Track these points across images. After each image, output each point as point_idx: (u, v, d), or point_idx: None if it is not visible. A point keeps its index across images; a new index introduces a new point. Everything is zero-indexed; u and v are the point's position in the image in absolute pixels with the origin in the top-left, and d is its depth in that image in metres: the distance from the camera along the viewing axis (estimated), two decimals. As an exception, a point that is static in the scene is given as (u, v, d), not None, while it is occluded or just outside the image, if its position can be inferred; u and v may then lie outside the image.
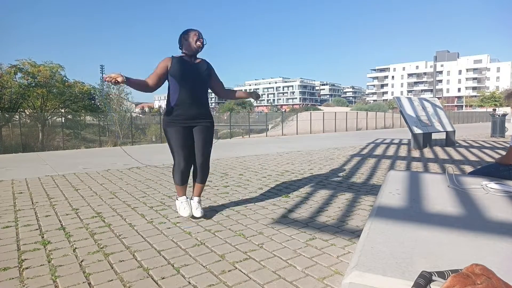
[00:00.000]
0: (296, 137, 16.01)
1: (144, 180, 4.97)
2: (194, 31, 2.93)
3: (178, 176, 3.00)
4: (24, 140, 17.23)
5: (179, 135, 2.93)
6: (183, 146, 2.95)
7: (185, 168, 2.99)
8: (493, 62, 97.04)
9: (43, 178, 5.19)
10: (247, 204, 3.59)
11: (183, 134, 2.95)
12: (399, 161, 6.90)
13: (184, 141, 2.96)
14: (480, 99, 68.65)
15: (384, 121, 29.30)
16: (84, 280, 1.97)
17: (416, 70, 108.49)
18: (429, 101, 10.42)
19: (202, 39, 2.94)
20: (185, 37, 2.92)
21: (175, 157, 2.98)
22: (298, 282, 1.92)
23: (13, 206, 3.58)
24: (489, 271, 0.86)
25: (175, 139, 2.94)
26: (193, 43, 2.90)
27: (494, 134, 13.77)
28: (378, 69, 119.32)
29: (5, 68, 22.11)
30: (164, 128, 3.00)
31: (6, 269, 2.11)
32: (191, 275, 2.02)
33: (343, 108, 61.28)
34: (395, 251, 1.17)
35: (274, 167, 6.07)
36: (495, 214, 1.59)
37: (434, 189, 2.13)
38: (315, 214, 3.22)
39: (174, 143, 2.95)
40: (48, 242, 2.56)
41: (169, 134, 2.95)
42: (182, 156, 2.95)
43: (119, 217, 3.18)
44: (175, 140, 2.94)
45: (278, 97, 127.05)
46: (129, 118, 25.31)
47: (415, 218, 1.55)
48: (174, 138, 2.93)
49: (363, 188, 4.32)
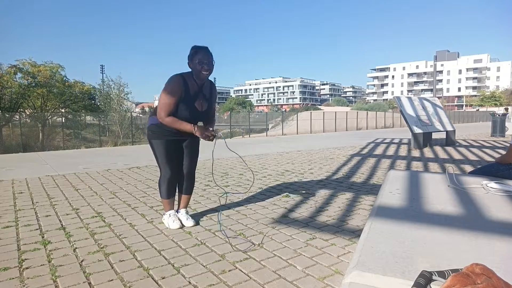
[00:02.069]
0: (296, 137, 16.01)
1: (144, 180, 4.97)
2: (203, 56, 2.66)
3: (165, 189, 2.87)
4: (24, 140, 17.25)
5: (169, 147, 2.82)
6: (172, 158, 2.84)
7: (173, 181, 2.90)
8: (493, 62, 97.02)
9: (43, 178, 5.19)
10: (247, 204, 3.59)
11: (173, 147, 2.84)
12: (399, 160, 6.90)
13: (173, 154, 2.85)
14: (480, 99, 68.65)
15: (384, 121, 29.30)
16: (84, 280, 1.97)
17: (416, 69, 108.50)
18: (429, 101, 10.42)
19: (208, 68, 2.67)
20: (194, 60, 2.67)
21: (162, 169, 2.85)
22: (299, 282, 1.92)
23: (13, 206, 3.58)
24: (489, 271, 0.86)
25: (164, 152, 2.81)
26: (200, 72, 2.67)
27: (494, 133, 13.77)
28: (378, 68, 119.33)
29: (5, 68, 22.13)
30: (150, 140, 2.84)
31: (6, 269, 2.11)
32: (191, 275, 2.02)
33: (343, 108, 61.29)
34: (395, 250, 1.17)
35: (275, 167, 6.07)
36: (495, 213, 1.59)
37: (434, 189, 2.13)
38: (315, 213, 3.22)
39: (162, 155, 2.81)
40: (48, 242, 2.56)
41: (157, 146, 2.82)
42: (170, 168, 2.84)
43: (119, 217, 3.18)
44: (164, 153, 2.81)
45: (278, 97, 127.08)
46: (129, 118, 25.31)
47: (415, 218, 1.55)
48: (162, 151, 2.80)
49: (363, 188, 4.32)
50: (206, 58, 2.67)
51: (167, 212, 2.94)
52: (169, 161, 2.83)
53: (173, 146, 2.85)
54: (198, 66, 2.65)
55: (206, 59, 2.67)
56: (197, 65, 2.65)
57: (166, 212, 2.95)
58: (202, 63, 2.65)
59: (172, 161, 2.85)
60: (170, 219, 2.88)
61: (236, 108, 55.00)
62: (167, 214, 2.93)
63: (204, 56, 2.67)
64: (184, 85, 2.68)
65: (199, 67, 2.65)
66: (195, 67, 2.67)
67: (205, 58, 2.67)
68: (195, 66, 2.67)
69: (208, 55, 2.69)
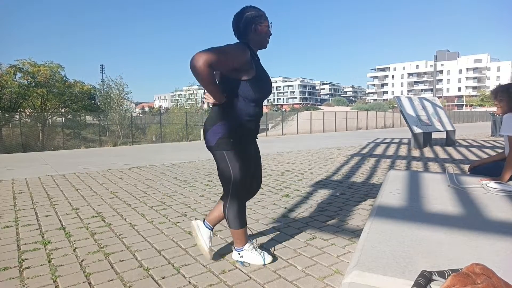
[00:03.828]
0: (297, 137, 16.01)
1: (144, 180, 4.97)
2: (267, 18, 2.06)
3: (244, 215, 2.12)
4: (24, 140, 17.25)
5: (249, 157, 2.11)
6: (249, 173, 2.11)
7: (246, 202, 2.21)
8: (493, 62, 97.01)
9: (43, 178, 5.19)
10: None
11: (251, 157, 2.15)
12: (399, 160, 6.90)
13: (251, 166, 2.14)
14: (480, 99, 68.59)
15: (384, 121, 29.30)
16: (84, 280, 1.97)
17: (416, 69, 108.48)
18: (429, 101, 10.42)
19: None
20: (259, 25, 2.01)
21: (239, 191, 2.05)
22: (299, 282, 1.92)
23: (13, 206, 3.58)
24: (489, 271, 0.86)
25: (244, 165, 2.04)
26: (266, 39, 2.07)
27: (494, 133, 13.77)
28: (378, 68, 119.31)
29: (5, 68, 22.11)
30: (223, 151, 1.98)
31: (6, 269, 2.11)
32: (191, 274, 2.02)
33: (343, 107, 61.29)
34: (395, 250, 1.17)
35: (275, 167, 6.06)
36: (495, 213, 1.59)
37: (434, 189, 2.13)
38: (315, 213, 3.22)
39: (242, 169, 2.02)
40: (49, 241, 2.56)
41: (235, 157, 2.00)
42: (247, 188, 2.15)
43: (119, 216, 3.18)
44: (244, 166, 2.04)
45: (278, 97, 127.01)
46: (129, 117, 25.30)
47: (415, 218, 1.55)
48: (242, 163, 2.02)
49: (363, 188, 4.32)
50: (270, 25, 2.07)
51: (246, 246, 2.14)
52: (248, 176, 2.11)
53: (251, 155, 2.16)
54: (264, 32, 2.03)
55: (270, 25, 2.07)
56: (264, 30, 2.03)
57: (244, 246, 2.14)
58: (268, 29, 2.05)
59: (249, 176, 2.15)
60: (256, 253, 2.15)
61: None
62: (247, 249, 2.13)
63: (268, 20, 2.06)
64: (252, 59, 1.99)
65: (268, 32, 2.05)
66: (261, 37, 2.03)
67: (270, 24, 2.07)
68: (261, 34, 2.02)
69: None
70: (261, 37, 2.03)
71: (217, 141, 1.97)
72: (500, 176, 2.30)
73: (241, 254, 2.14)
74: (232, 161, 1.99)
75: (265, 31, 2.03)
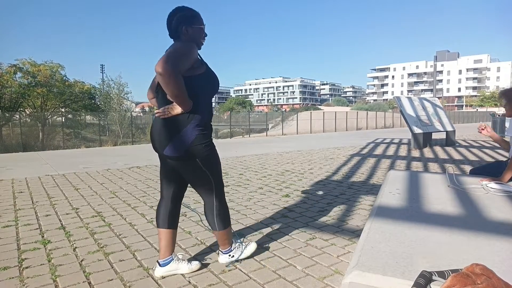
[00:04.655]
0: (297, 137, 16.01)
1: (144, 179, 4.97)
2: (201, 19, 2.02)
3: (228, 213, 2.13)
4: (24, 140, 17.24)
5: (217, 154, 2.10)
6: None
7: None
8: (493, 62, 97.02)
9: (43, 177, 5.19)
10: (247, 204, 3.59)
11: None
12: (399, 160, 6.90)
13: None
14: (480, 99, 68.63)
15: (384, 121, 29.30)
16: (84, 280, 1.97)
17: (416, 70, 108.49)
18: (429, 101, 10.42)
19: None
20: (196, 24, 1.97)
21: (221, 191, 2.08)
22: (298, 282, 1.92)
23: (13, 206, 3.58)
24: (489, 271, 0.86)
25: (219, 164, 2.06)
26: (199, 40, 2.01)
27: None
28: (378, 68, 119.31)
29: (5, 68, 22.11)
30: (206, 154, 1.93)
31: (6, 269, 2.11)
32: (191, 274, 2.02)
33: (343, 107, 61.29)
34: (395, 250, 1.17)
35: (275, 167, 6.07)
36: (495, 214, 1.59)
37: (434, 189, 2.13)
38: (315, 213, 3.22)
39: (219, 170, 2.05)
40: (48, 241, 2.56)
41: (215, 157, 2.02)
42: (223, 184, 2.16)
43: (119, 216, 3.18)
44: (219, 166, 2.07)
45: (278, 97, 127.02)
46: (129, 117, 25.31)
47: (415, 218, 1.55)
48: (217, 164, 2.05)
49: (363, 188, 4.32)
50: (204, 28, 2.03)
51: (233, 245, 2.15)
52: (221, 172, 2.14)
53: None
54: (202, 33, 2.00)
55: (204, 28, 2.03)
56: (202, 32, 2.00)
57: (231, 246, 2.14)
58: (203, 32, 2.01)
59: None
60: (243, 246, 2.20)
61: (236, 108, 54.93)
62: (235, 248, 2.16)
63: (203, 22, 2.02)
64: (201, 61, 1.98)
65: (203, 34, 2.01)
66: (196, 35, 1.97)
67: (204, 27, 2.03)
68: (197, 33, 1.97)
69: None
70: (194, 38, 1.96)
71: (187, 150, 1.86)
72: (500, 176, 2.31)
73: (231, 254, 2.13)
74: (207, 166, 1.94)
75: (198, 32, 1.98)
